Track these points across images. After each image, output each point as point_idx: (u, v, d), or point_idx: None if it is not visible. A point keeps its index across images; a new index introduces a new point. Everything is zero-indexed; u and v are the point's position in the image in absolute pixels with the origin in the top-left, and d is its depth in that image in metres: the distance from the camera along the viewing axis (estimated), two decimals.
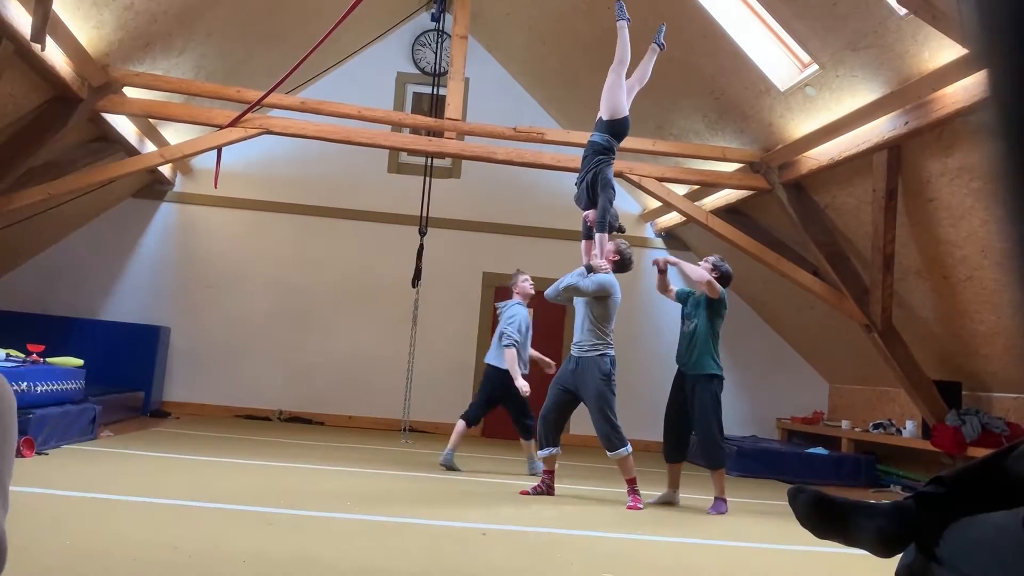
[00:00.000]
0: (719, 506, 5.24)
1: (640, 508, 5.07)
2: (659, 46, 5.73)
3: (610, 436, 5.11)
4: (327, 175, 9.84)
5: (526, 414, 6.36)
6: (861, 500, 1.70)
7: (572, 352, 5.35)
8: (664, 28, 5.84)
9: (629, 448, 5.17)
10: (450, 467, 6.25)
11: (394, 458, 6.86)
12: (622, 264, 5.45)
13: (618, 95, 5.40)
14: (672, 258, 5.68)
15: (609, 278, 5.26)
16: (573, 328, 5.53)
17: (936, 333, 6.93)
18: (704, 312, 5.37)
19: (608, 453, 5.16)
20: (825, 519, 1.66)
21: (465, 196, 10.03)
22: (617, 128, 5.43)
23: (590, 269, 5.29)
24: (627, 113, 5.45)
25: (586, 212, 5.42)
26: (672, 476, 5.47)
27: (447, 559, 3.29)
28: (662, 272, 5.58)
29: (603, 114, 5.46)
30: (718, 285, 5.32)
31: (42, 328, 8.27)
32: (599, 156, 5.36)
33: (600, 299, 5.21)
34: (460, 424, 6.36)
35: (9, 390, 1.66)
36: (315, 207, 9.84)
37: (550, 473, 5.39)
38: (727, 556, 3.95)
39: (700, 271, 5.38)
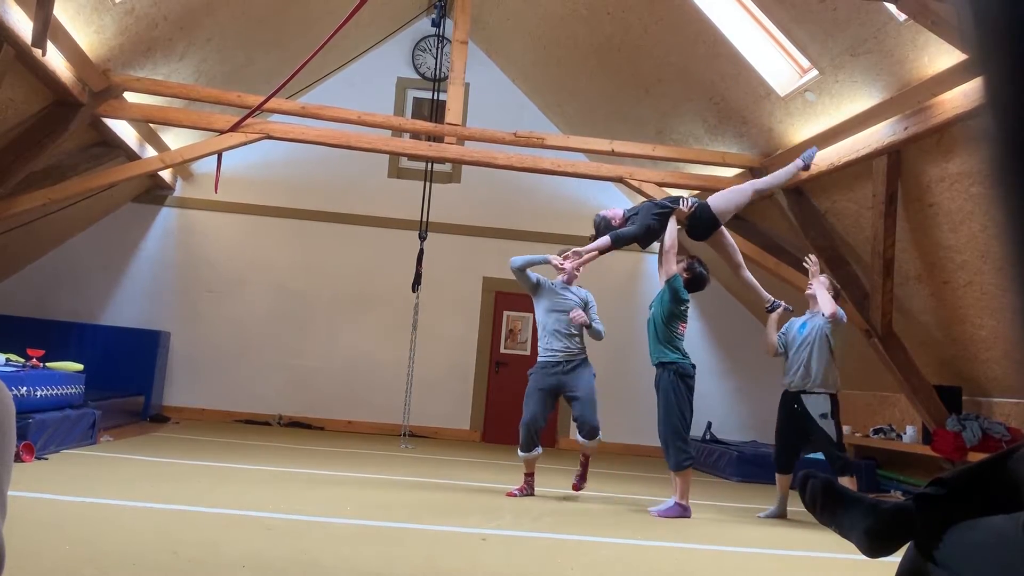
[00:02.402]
0: (673, 509, 5.00)
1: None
2: (804, 165, 5.79)
3: (596, 423, 5.45)
4: (327, 180, 9.85)
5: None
6: (867, 496, 1.69)
7: (555, 358, 5.51)
8: (816, 151, 5.91)
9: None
10: None
11: (394, 463, 6.85)
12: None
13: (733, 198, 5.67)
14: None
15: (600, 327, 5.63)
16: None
17: (936, 338, 6.93)
18: (659, 301, 5.34)
19: (589, 442, 5.47)
20: (826, 506, 1.67)
21: (465, 201, 10.03)
22: (699, 214, 5.56)
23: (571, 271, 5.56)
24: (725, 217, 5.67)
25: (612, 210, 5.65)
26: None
27: (446, 564, 3.29)
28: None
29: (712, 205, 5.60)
30: (678, 277, 5.26)
31: (42, 333, 8.27)
32: (659, 209, 5.52)
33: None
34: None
35: (8, 395, 1.66)
36: (315, 212, 9.85)
37: (532, 475, 5.56)
38: (727, 561, 3.95)
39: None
